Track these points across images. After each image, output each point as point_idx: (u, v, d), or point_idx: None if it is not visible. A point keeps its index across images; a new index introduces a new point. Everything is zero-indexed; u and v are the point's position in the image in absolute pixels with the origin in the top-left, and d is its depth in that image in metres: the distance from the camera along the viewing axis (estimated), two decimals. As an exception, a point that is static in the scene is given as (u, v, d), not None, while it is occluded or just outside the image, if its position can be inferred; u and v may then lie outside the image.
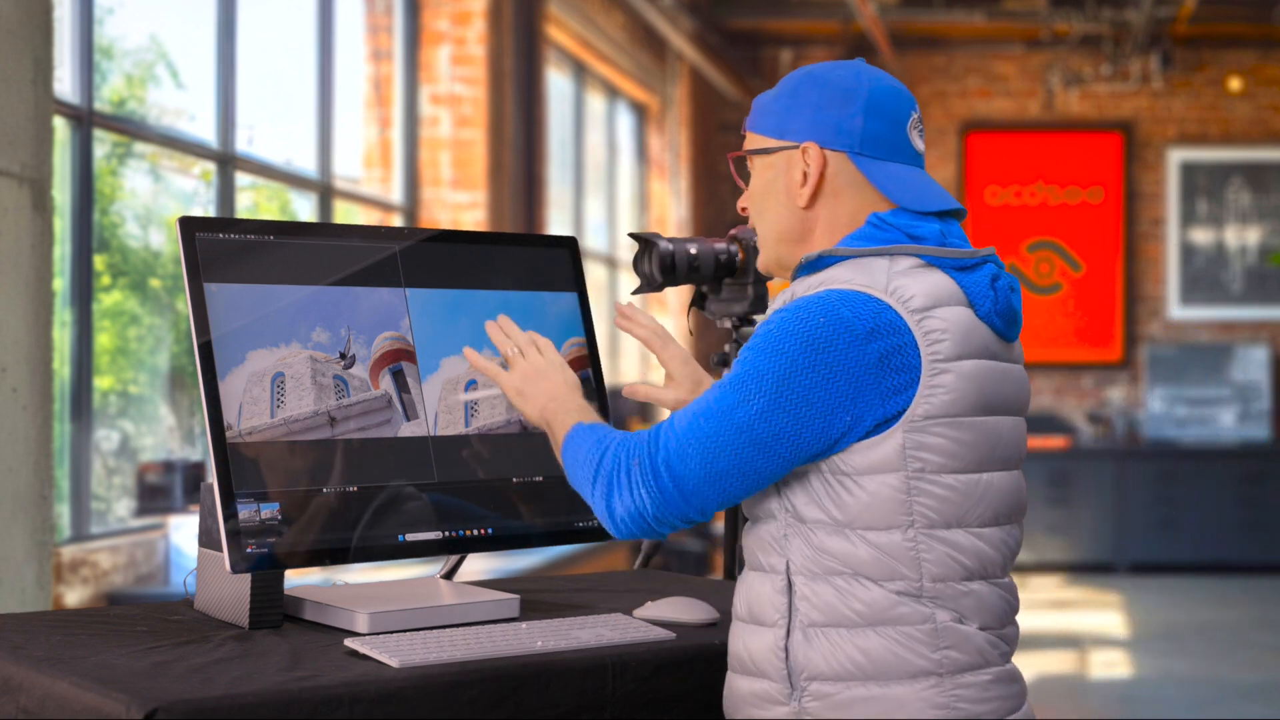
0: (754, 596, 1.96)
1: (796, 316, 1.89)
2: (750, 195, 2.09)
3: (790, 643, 1.92)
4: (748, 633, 1.97)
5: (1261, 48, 11.18)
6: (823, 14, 10.62)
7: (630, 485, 1.92)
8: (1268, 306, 11.18)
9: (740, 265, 2.70)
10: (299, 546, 2.09)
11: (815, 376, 1.87)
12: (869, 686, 1.89)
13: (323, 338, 2.18)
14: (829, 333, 1.87)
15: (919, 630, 1.90)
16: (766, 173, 2.06)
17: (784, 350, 1.88)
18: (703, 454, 1.89)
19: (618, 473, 1.93)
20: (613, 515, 1.94)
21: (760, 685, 1.95)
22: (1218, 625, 8.49)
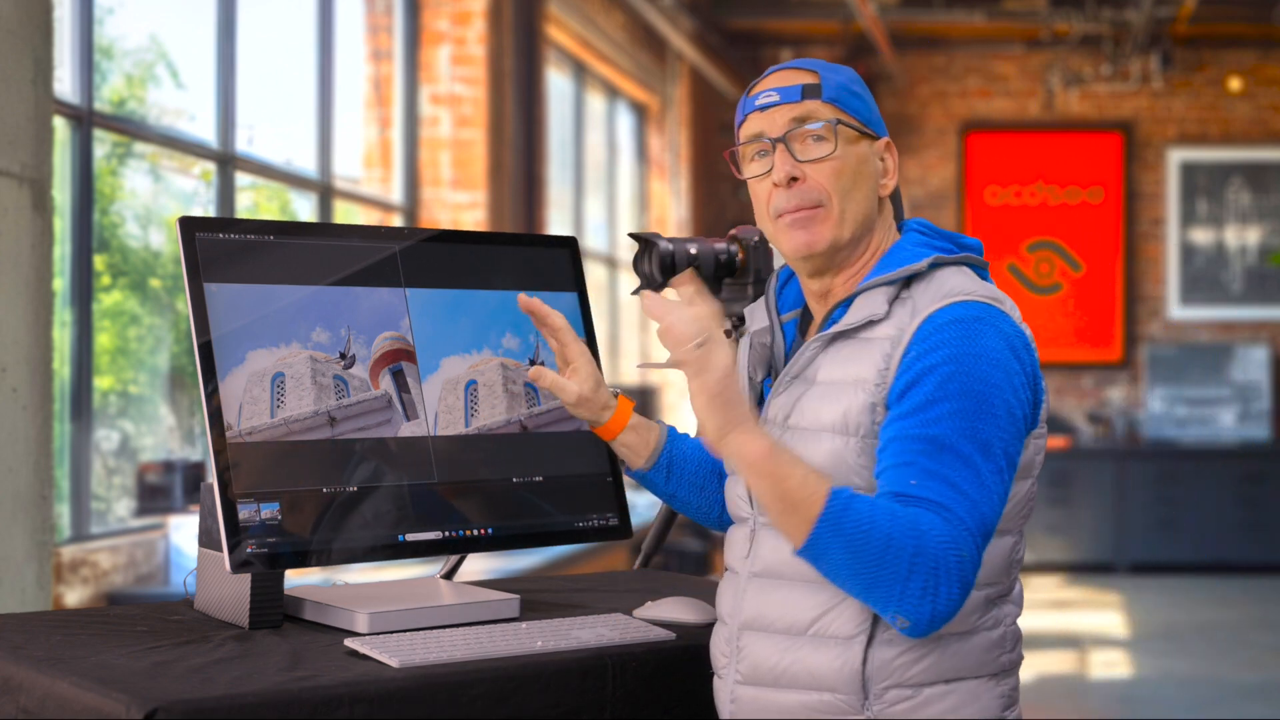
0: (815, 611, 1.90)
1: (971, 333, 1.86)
2: (836, 169, 1.98)
3: (870, 653, 1.88)
4: (805, 648, 1.90)
5: (1261, 48, 11.18)
6: (823, 14, 10.62)
7: (960, 576, 1.76)
8: (1268, 306, 11.18)
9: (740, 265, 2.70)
10: (299, 546, 2.09)
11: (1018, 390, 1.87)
12: (948, 686, 1.89)
13: (323, 338, 2.18)
14: (1016, 343, 1.89)
15: (996, 634, 1.93)
16: (858, 151, 2.00)
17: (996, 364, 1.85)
18: (995, 515, 1.82)
19: (944, 569, 1.75)
20: (933, 613, 1.77)
21: (822, 698, 1.89)
22: (1218, 625, 8.49)
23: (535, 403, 2.34)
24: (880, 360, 1.89)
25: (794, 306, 2.13)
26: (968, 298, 1.90)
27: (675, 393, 10.86)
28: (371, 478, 2.17)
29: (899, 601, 1.76)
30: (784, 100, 1.99)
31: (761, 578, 1.97)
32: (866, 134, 2.01)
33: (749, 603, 1.97)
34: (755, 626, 1.96)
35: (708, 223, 11.02)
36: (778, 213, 2.00)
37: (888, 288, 1.94)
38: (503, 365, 2.32)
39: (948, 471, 1.80)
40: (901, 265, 1.95)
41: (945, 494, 1.79)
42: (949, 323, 1.87)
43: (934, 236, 2.01)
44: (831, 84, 2.00)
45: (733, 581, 2.02)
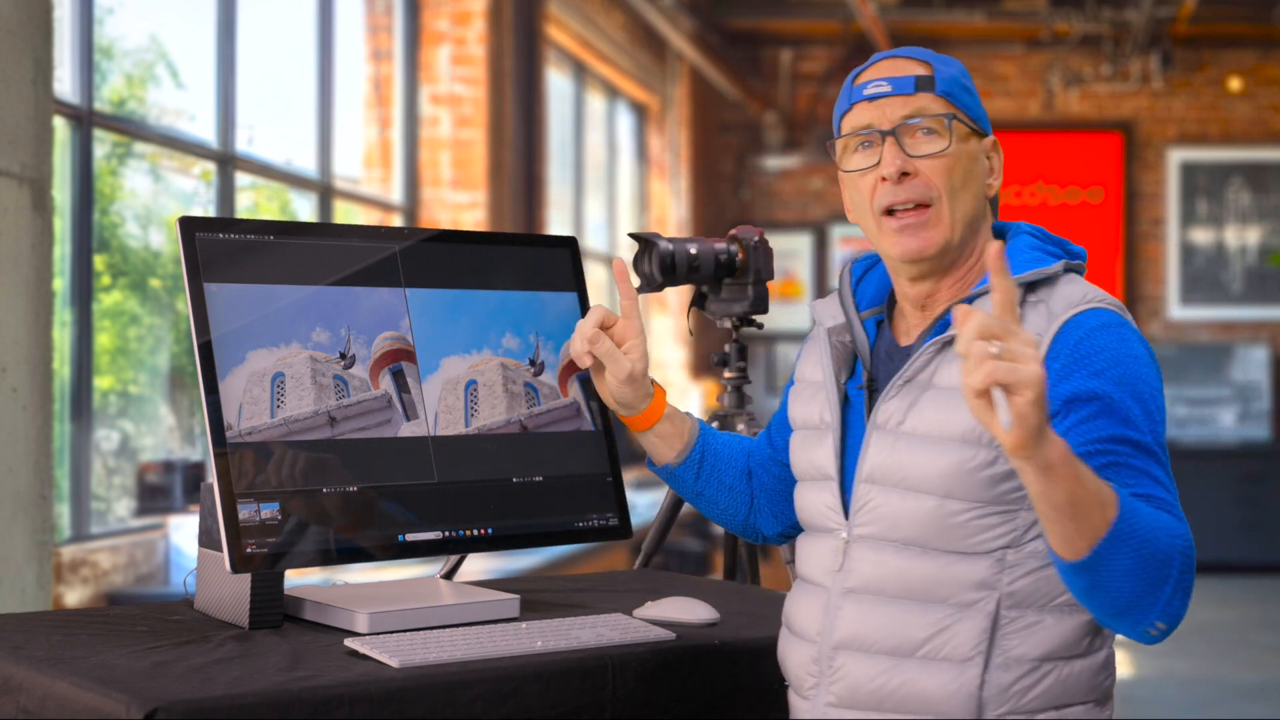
0: (927, 630, 1.82)
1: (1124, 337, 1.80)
2: (948, 165, 1.89)
3: (988, 678, 1.80)
4: (914, 670, 1.82)
5: (1261, 48, 11.18)
6: (823, 14, 10.62)
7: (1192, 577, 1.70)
8: (1268, 306, 11.18)
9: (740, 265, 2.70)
10: (299, 546, 2.09)
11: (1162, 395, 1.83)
12: (1058, 712, 1.83)
13: (323, 338, 2.18)
14: (1150, 349, 1.84)
15: (1101, 657, 1.87)
16: (969, 148, 1.93)
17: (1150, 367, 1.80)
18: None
19: (1190, 567, 1.69)
20: (1181, 614, 1.70)
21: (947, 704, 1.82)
22: (1218, 625, 8.49)
23: (535, 403, 2.34)
24: None
25: (872, 304, 2.03)
26: (1103, 304, 1.83)
27: (675, 393, 10.86)
28: (371, 478, 2.17)
29: (1165, 606, 1.66)
30: (896, 91, 1.91)
31: (860, 594, 1.87)
32: (976, 131, 1.94)
33: (845, 621, 1.87)
34: (853, 646, 1.86)
35: (708, 223, 11.02)
36: (884, 209, 1.90)
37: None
38: (503, 365, 2.32)
39: (1154, 471, 1.74)
40: (1025, 269, 1.85)
41: (1161, 493, 1.73)
42: (1099, 328, 1.79)
43: (1046, 241, 1.92)
44: (945, 77, 1.92)
45: (818, 597, 1.92)
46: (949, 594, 1.81)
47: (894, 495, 1.85)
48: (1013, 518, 1.80)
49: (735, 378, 2.90)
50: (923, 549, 1.83)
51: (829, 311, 2.03)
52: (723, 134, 11.70)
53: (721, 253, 2.69)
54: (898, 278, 1.96)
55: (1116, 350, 1.78)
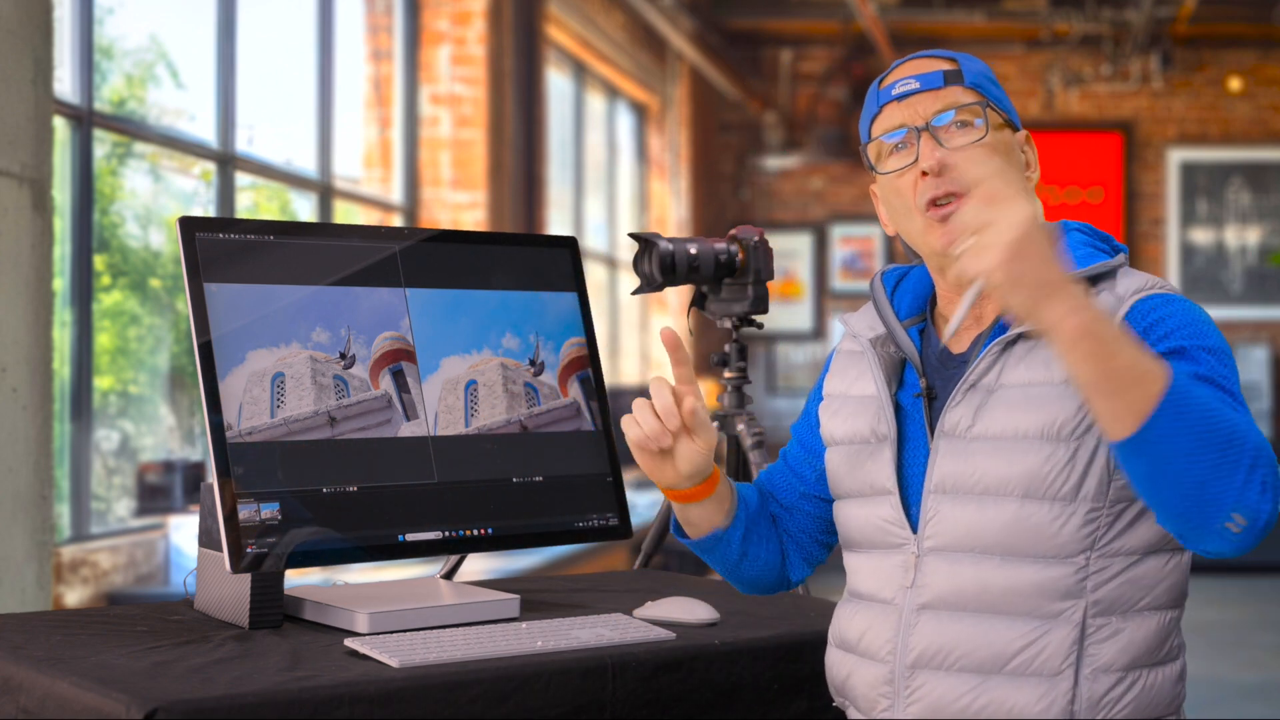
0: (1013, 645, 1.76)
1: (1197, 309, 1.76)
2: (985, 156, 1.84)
3: (1078, 691, 1.74)
4: (1002, 687, 1.76)
5: (1261, 48, 11.18)
6: (823, 14, 10.63)
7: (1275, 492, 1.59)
8: (1268, 306, 11.18)
9: (740, 265, 2.70)
10: (299, 546, 2.09)
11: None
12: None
13: (323, 338, 2.18)
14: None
15: (1179, 664, 1.84)
16: (1005, 140, 1.90)
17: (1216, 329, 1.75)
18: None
19: (1275, 475, 1.58)
20: (1271, 514, 1.59)
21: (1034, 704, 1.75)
22: (1218, 625, 8.48)
23: (535, 403, 2.34)
24: None
25: (910, 313, 1.97)
26: (1167, 289, 1.79)
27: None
28: (371, 478, 2.17)
29: (1240, 493, 1.56)
30: (925, 87, 1.89)
31: (935, 609, 1.80)
32: (1009, 123, 1.92)
33: (922, 637, 1.80)
34: (933, 664, 1.79)
35: (708, 223, 11.02)
36: (927, 202, 1.85)
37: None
38: (503, 365, 2.32)
39: (1231, 401, 1.66)
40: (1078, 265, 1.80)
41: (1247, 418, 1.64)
42: (1164, 303, 1.75)
43: (1095, 238, 1.88)
44: (972, 70, 1.91)
45: (887, 614, 1.85)
46: (1034, 605, 1.76)
47: (969, 504, 1.79)
48: (1095, 517, 1.75)
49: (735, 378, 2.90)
50: (1002, 558, 1.77)
51: (865, 323, 1.97)
52: (723, 134, 11.70)
53: (721, 253, 2.69)
54: (943, 278, 1.91)
55: (1183, 316, 1.74)
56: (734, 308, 2.75)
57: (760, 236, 2.73)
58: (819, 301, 11.47)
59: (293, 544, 2.08)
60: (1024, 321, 1.59)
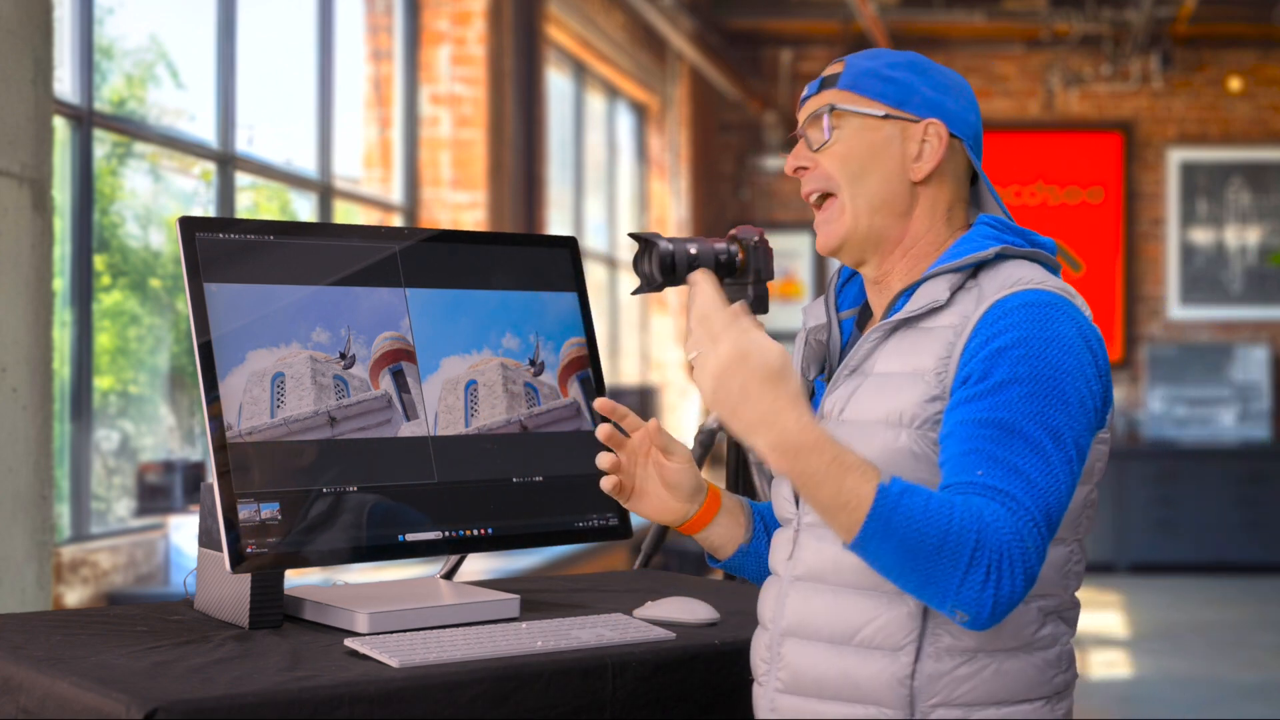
0: (861, 619, 1.83)
1: (1047, 319, 1.78)
2: (841, 156, 1.94)
3: (918, 667, 1.80)
4: (850, 658, 1.84)
5: (1261, 48, 11.18)
6: (823, 14, 10.62)
7: (1024, 566, 1.67)
8: (1268, 306, 11.18)
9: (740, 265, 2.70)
10: (299, 546, 2.09)
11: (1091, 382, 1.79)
12: (999, 709, 1.82)
13: (323, 338, 2.18)
14: (1090, 335, 1.81)
15: (1052, 653, 1.86)
16: (871, 135, 1.93)
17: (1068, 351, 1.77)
18: (1063, 505, 1.74)
19: (1007, 557, 1.67)
20: (999, 605, 1.68)
21: (867, 712, 1.82)
22: (1218, 625, 8.49)
23: (535, 403, 2.34)
24: (942, 349, 1.82)
25: (855, 304, 2.06)
26: (1039, 285, 1.83)
27: (674, 392, 10.86)
28: (371, 478, 2.17)
29: (956, 594, 1.67)
30: (809, 94, 1.99)
31: (804, 582, 1.90)
32: (897, 116, 1.93)
33: (791, 608, 1.90)
34: (798, 633, 1.89)
35: (708, 223, 11.02)
36: (806, 196, 1.98)
37: (952, 275, 1.87)
38: (503, 365, 2.32)
39: (1016, 458, 1.72)
40: (960, 255, 1.88)
41: (1012, 482, 1.70)
42: (1020, 306, 1.80)
43: (1004, 231, 1.92)
44: (854, 70, 1.95)
45: (775, 585, 1.96)
46: (880, 582, 1.81)
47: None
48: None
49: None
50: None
51: (815, 312, 2.07)
52: (723, 134, 11.70)
53: (721, 253, 2.68)
54: (855, 269, 2.02)
55: (1028, 329, 1.78)
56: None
57: (760, 236, 2.73)
58: (819, 301, 11.47)
59: (293, 544, 2.08)
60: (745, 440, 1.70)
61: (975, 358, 1.79)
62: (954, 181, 1.97)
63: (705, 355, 1.70)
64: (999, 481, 1.71)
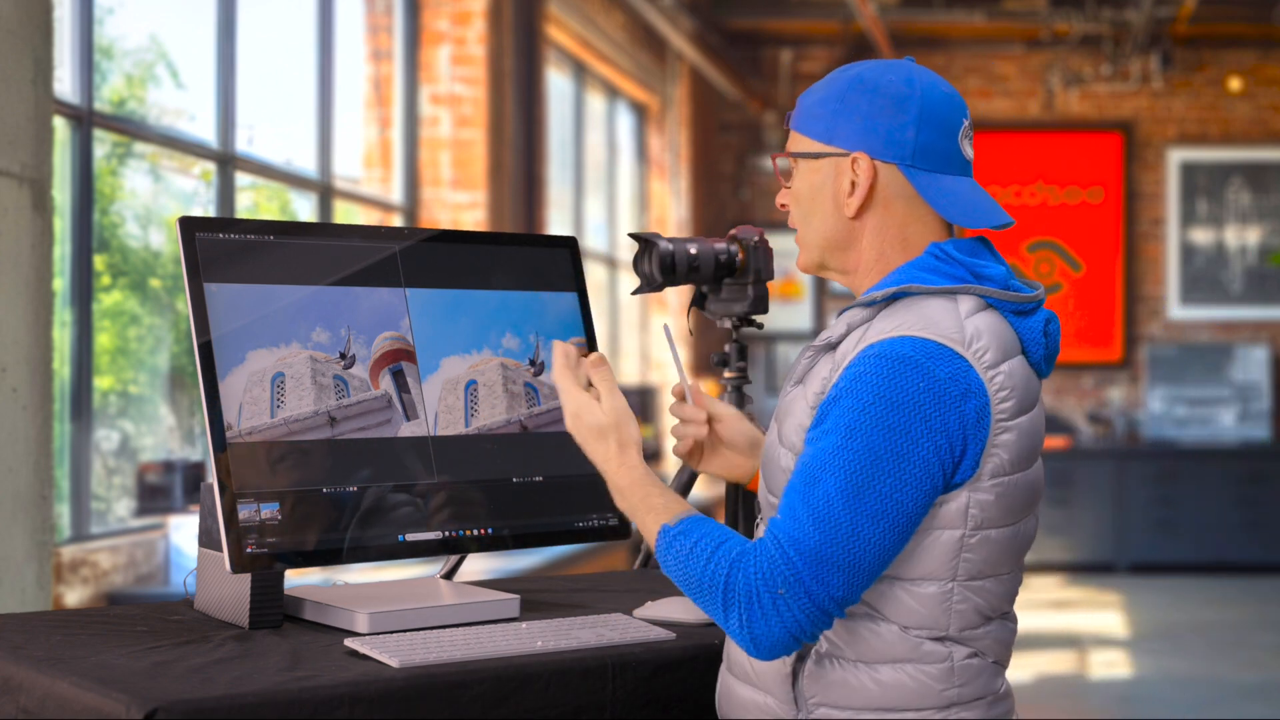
0: None
1: (893, 373, 1.81)
2: (794, 197, 2.01)
3: (801, 668, 1.90)
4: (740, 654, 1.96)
5: (1261, 48, 11.18)
6: (823, 14, 10.62)
7: (777, 610, 1.78)
8: (1268, 306, 11.18)
9: (740, 265, 2.70)
10: (299, 546, 2.09)
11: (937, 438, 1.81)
12: (879, 714, 1.88)
13: (323, 338, 2.18)
14: (950, 391, 1.81)
15: (937, 668, 1.88)
16: (813, 176, 1.98)
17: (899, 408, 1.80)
18: (845, 558, 1.79)
19: (755, 597, 1.78)
20: (758, 644, 1.80)
21: (763, 699, 1.93)
22: (1218, 625, 8.49)
23: (535, 403, 2.34)
24: (820, 384, 1.90)
25: None
26: (914, 333, 1.83)
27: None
28: (371, 478, 2.17)
29: (725, 628, 1.83)
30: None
31: None
32: (828, 153, 1.95)
33: None
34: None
35: (708, 223, 11.02)
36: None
37: (862, 309, 1.92)
38: (503, 365, 2.32)
39: (803, 508, 1.80)
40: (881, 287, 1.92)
41: (785, 528, 1.80)
42: (874, 357, 1.83)
43: (947, 262, 1.91)
44: (800, 107, 2.01)
45: None
46: None
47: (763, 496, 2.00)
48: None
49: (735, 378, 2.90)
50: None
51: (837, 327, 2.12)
52: (723, 134, 11.70)
53: (721, 253, 2.68)
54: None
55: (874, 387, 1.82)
56: (734, 308, 2.74)
57: (760, 236, 2.73)
58: (819, 301, 11.47)
59: (293, 544, 2.09)
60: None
61: (828, 401, 1.86)
62: (902, 202, 1.95)
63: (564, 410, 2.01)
64: (773, 524, 1.83)
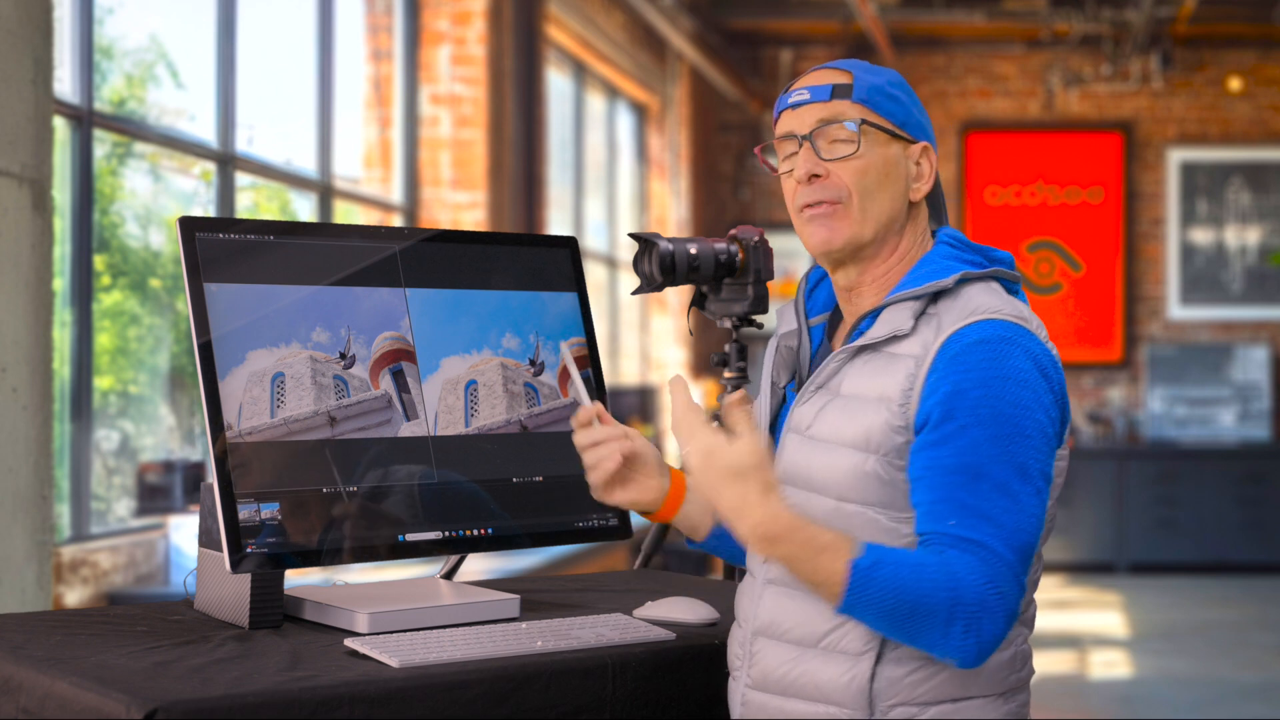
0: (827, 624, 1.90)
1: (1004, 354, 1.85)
2: (861, 168, 1.96)
3: (878, 670, 1.88)
4: (814, 660, 1.91)
5: (1261, 48, 11.18)
6: (823, 14, 10.62)
7: (1004, 609, 1.78)
8: (1268, 306, 11.18)
9: (740, 265, 2.70)
10: (299, 547, 2.09)
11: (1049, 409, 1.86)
12: (955, 704, 1.89)
13: (323, 338, 2.18)
14: (1044, 362, 1.88)
15: (1006, 655, 1.91)
16: (884, 152, 1.97)
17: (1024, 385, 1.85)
18: (1035, 537, 1.82)
19: (984, 605, 1.77)
20: (983, 652, 1.79)
21: (828, 711, 1.90)
22: (1218, 625, 8.49)
23: (535, 403, 2.34)
24: (904, 380, 1.88)
25: (824, 309, 2.10)
26: (994, 316, 1.89)
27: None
28: (372, 478, 2.17)
29: (943, 647, 1.79)
30: (814, 99, 1.99)
31: (777, 585, 1.96)
32: (901, 137, 1.98)
33: (764, 608, 1.97)
34: (768, 633, 1.96)
35: (708, 223, 11.02)
36: (800, 207, 1.99)
37: (914, 303, 1.92)
38: (503, 365, 2.32)
39: (984, 504, 1.80)
40: (929, 279, 1.93)
41: (982, 530, 1.79)
42: (975, 344, 1.86)
43: (964, 249, 1.99)
44: (864, 85, 1.98)
45: (750, 585, 2.02)
46: None
47: (802, 495, 1.94)
48: (900, 521, 1.89)
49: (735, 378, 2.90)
50: None
51: (786, 318, 2.10)
52: (723, 134, 11.70)
53: (721, 253, 2.68)
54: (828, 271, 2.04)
55: (984, 370, 1.84)
56: (734, 308, 2.74)
57: (760, 236, 2.73)
58: (819, 301, 11.47)
59: (293, 544, 2.09)
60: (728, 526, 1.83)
61: (935, 396, 1.85)
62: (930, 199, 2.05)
63: (685, 454, 1.85)
64: (970, 531, 1.80)
